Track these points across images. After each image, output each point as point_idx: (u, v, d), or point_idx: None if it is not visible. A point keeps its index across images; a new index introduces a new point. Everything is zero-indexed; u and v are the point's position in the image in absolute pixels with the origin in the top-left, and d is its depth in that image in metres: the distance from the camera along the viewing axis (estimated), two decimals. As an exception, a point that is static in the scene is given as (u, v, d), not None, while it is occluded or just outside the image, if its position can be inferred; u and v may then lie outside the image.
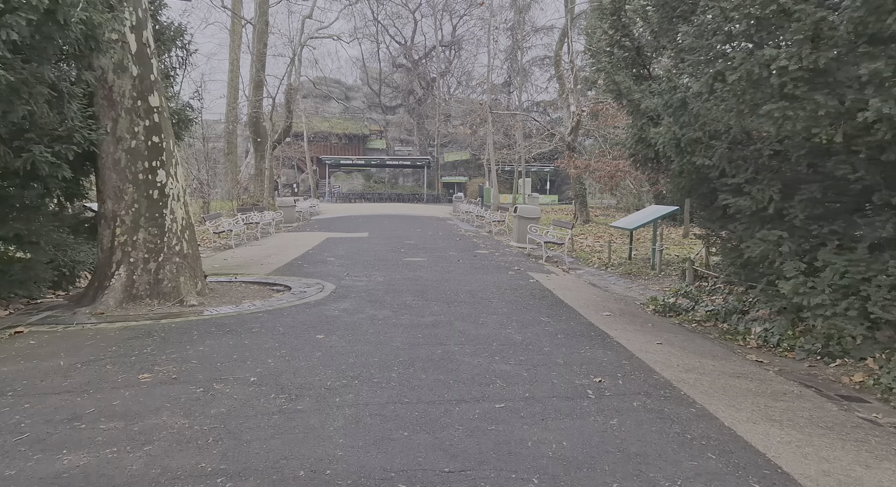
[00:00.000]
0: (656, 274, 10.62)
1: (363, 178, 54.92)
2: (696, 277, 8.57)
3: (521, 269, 11.37)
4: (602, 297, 8.93)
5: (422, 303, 7.79)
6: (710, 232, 7.98)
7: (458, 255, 13.45)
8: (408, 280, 9.68)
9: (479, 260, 12.60)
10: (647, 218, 10.76)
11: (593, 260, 13.16)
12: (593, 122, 26.15)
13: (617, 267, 11.80)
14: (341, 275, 10.14)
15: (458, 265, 11.62)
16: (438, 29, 50.63)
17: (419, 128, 56.21)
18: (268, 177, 25.89)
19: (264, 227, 19.09)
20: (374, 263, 11.80)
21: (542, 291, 8.98)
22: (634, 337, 6.22)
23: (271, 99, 25.98)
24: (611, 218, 25.74)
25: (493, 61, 29.93)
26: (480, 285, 9.29)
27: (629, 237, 11.90)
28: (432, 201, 49.15)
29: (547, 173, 52.60)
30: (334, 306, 7.53)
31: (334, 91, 62.23)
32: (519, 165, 41.76)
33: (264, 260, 12.17)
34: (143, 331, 6.12)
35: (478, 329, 6.38)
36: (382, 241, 16.44)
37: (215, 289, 8.71)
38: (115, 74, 7.27)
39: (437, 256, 13.16)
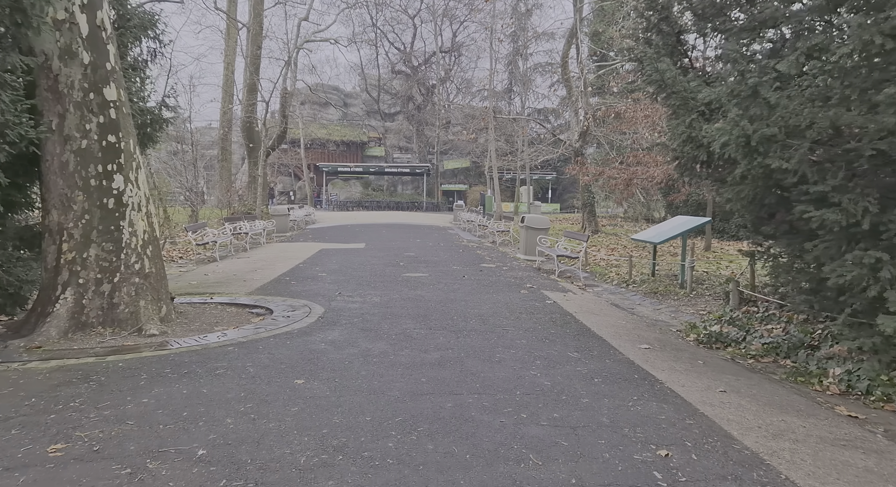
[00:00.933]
0: (686, 294, 9.46)
1: (361, 185, 53.84)
2: (741, 300, 7.41)
3: (533, 286, 10.20)
4: (632, 323, 7.75)
5: (425, 332, 6.61)
6: (764, 248, 6.82)
7: (463, 269, 12.28)
8: (408, 301, 8.50)
9: (486, 276, 11.43)
10: (675, 230, 9.63)
11: (610, 275, 11.99)
12: (599, 128, 25.09)
13: (639, 285, 10.64)
14: (332, 294, 8.96)
15: (463, 282, 10.45)
16: (438, 35, 49.78)
17: (418, 135, 55.22)
18: (261, 184, 24.75)
19: (254, 237, 17.92)
20: (370, 279, 10.62)
21: (563, 315, 7.80)
22: (689, 381, 5.04)
23: (265, 104, 24.85)
24: (619, 228, 24.61)
25: (494, 65, 28.91)
26: (491, 308, 8.11)
27: (652, 251, 10.76)
28: (432, 210, 48.06)
29: (549, 182, 51.58)
30: (321, 336, 6.34)
31: (333, 98, 61.41)
32: (521, 173, 40.71)
33: (249, 275, 10.98)
34: (80, 374, 4.93)
35: (494, 370, 5.20)
36: (380, 253, 15.27)
37: (185, 312, 7.52)
38: (61, 60, 6.12)
39: (439, 270, 11.99)
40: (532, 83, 48.01)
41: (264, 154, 24.77)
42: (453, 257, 14.59)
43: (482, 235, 23.63)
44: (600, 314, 8.06)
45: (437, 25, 49.46)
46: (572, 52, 22.26)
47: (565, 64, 20.17)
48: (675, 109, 5.84)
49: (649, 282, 10.57)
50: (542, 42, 50.59)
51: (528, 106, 45.56)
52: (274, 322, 7.01)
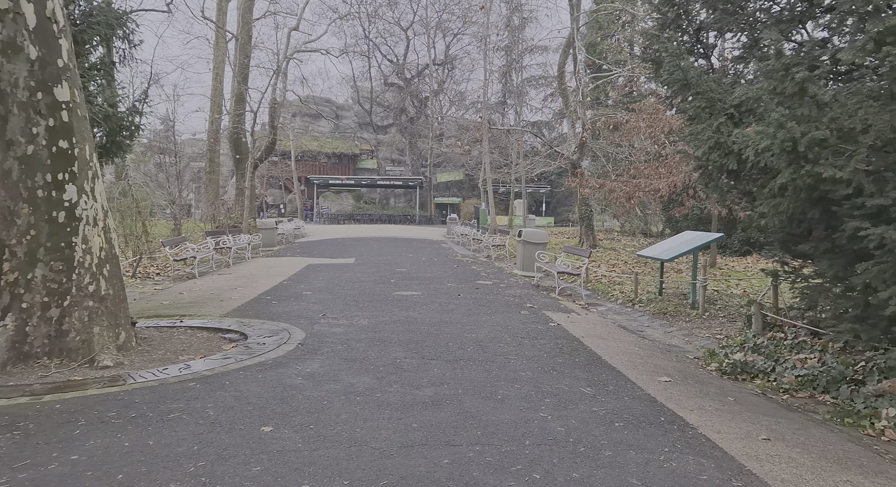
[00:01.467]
0: (699, 315, 8.78)
1: (353, 198, 53.16)
2: (765, 324, 6.73)
3: (534, 306, 9.49)
4: (645, 349, 7.04)
5: (417, 362, 5.87)
6: (791, 268, 6.16)
7: (458, 287, 11.55)
8: (398, 324, 7.76)
9: (482, 294, 10.71)
10: (685, 247, 8.97)
11: (614, 294, 11.30)
12: (595, 141, 24.58)
13: (646, 304, 9.95)
14: (316, 316, 8.20)
15: (458, 301, 9.72)
16: (431, 47, 49.48)
17: (411, 147, 54.73)
18: (248, 196, 23.99)
19: (239, 251, 17.14)
20: (359, 298, 9.88)
21: (569, 340, 7.08)
22: (724, 425, 4.33)
23: (253, 114, 24.17)
24: (616, 242, 24.00)
25: (488, 75, 28.44)
26: (490, 331, 7.38)
27: (659, 269, 10.10)
28: (425, 223, 47.41)
29: (542, 195, 51.13)
30: (298, 367, 5.58)
31: (324, 110, 60.89)
32: (515, 186, 40.18)
33: (228, 294, 10.21)
34: (6, 419, 4.15)
35: (498, 411, 4.46)
36: (370, 269, 14.52)
37: (150, 338, 6.75)
38: (3, 55, 5.41)
39: (433, 288, 11.26)
40: (526, 96, 47.80)
41: (252, 166, 24.05)
42: (447, 273, 13.87)
43: (476, 249, 22.95)
44: (609, 339, 7.35)
45: (431, 38, 49.22)
46: (569, 63, 21.80)
47: (561, 75, 19.66)
48: (699, 112, 5.20)
49: (657, 301, 9.89)
50: (536, 55, 50.49)
51: (522, 119, 45.21)
52: (247, 350, 6.25)
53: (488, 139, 29.87)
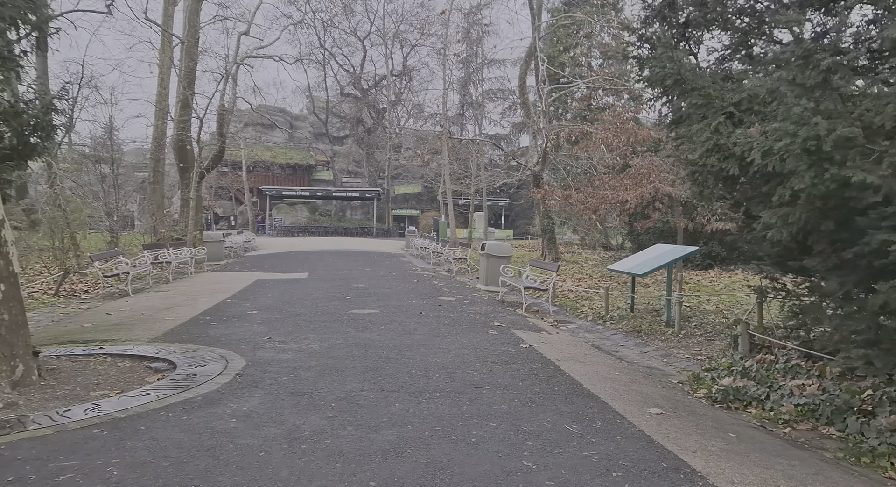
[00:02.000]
0: (675, 334, 8.29)
1: (308, 210, 51.76)
2: (752, 345, 6.25)
3: (502, 324, 8.82)
4: (626, 373, 6.45)
5: (375, 395, 5.08)
6: (781, 285, 5.69)
7: (420, 304, 10.79)
8: (354, 348, 6.94)
9: (446, 311, 9.98)
10: (660, 261, 8.52)
11: (583, 310, 10.76)
12: (555, 153, 24.39)
13: (618, 321, 9.43)
14: (260, 340, 7.30)
15: (420, 320, 8.97)
16: (389, 58, 48.91)
17: (369, 159, 53.84)
18: (194, 207, 22.62)
19: (180, 266, 15.91)
20: (311, 318, 8.99)
21: (544, 364, 6.42)
22: (735, 472, 3.71)
23: (199, 120, 22.90)
24: (577, 256, 23.73)
25: (447, 85, 27.99)
26: (457, 355, 6.66)
27: (631, 284, 9.62)
28: (382, 235, 46.47)
29: (502, 208, 51.04)
30: (233, 405, 4.71)
31: (279, 120, 59.33)
32: (475, 199, 39.83)
33: (161, 314, 9.15)
34: None
35: (473, 460, 3.73)
36: (324, 284, 13.60)
37: (59, 369, 5.73)
38: None
39: (392, 305, 10.47)
40: (484, 109, 47.76)
41: (198, 176, 22.72)
42: (407, 289, 13.10)
43: (437, 262, 22.26)
44: (586, 362, 6.73)
45: (388, 48, 48.66)
46: (530, 74, 21.53)
47: (523, 85, 19.33)
48: (694, 111, 4.68)
49: (629, 318, 9.39)
50: (494, 68, 50.65)
51: (482, 132, 45.06)
52: (174, 383, 5.32)
53: (448, 150, 29.36)
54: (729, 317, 8.96)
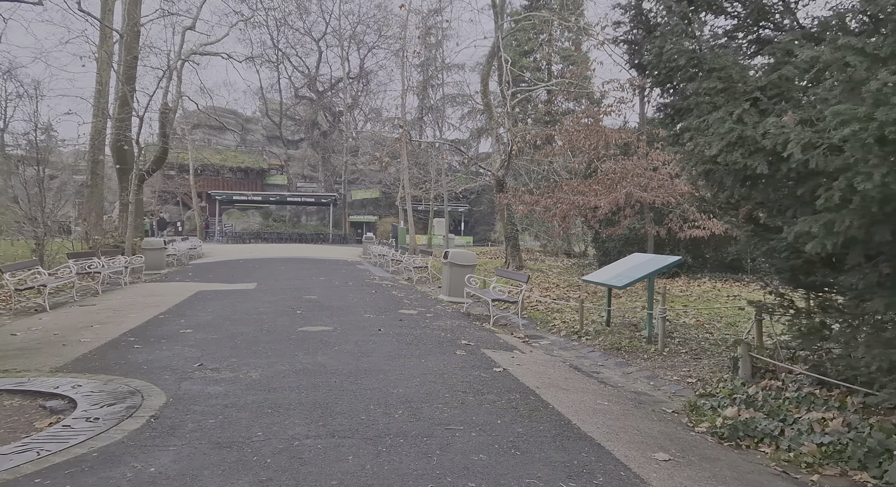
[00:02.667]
0: (658, 351, 7.60)
1: (261, 216, 49.86)
2: (754, 369, 5.57)
3: (470, 342, 7.96)
4: (615, 402, 5.66)
5: (324, 444, 4.12)
6: (788, 301, 5.02)
7: (378, 318, 9.82)
8: (302, 376, 5.94)
9: (407, 327, 9.05)
10: (642, 271, 7.84)
11: (555, 323, 10.02)
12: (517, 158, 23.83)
13: (594, 337, 8.70)
14: (190, 367, 6.21)
15: (379, 339, 8.01)
16: (345, 60, 47.70)
17: (324, 163, 52.37)
18: (132, 212, 20.96)
19: (113, 276, 14.45)
20: (254, 337, 7.92)
21: (524, 393, 5.58)
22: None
23: (139, 118, 21.28)
24: (540, 263, 23.16)
25: (406, 90, 27.13)
26: (422, 384, 5.74)
27: (607, 296, 8.91)
28: (339, 242, 45.11)
29: (461, 213, 50.45)
30: (136, 465, 3.66)
31: (230, 122, 57.26)
32: (435, 205, 39.03)
33: (77, 335, 7.89)
34: None
35: (451, 545, 2.82)
36: (274, 296, 12.45)
37: (-79, 415, 4.53)
38: None
39: (348, 320, 9.46)
40: (444, 113, 47.09)
41: (137, 178, 21.08)
42: (365, 301, 12.09)
43: (396, 270, 21.29)
44: (569, 389, 5.92)
45: (344, 50, 47.45)
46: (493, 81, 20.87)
47: (485, 87, 18.64)
48: (712, 97, 3.93)
49: (606, 334, 8.67)
50: (453, 73, 50.13)
51: (441, 137, 44.33)
52: (65, 432, 4.22)
53: (407, 154, 28.44)
54: (712, 332, 8.36)
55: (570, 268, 20.53)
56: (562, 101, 32.85)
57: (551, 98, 33.28)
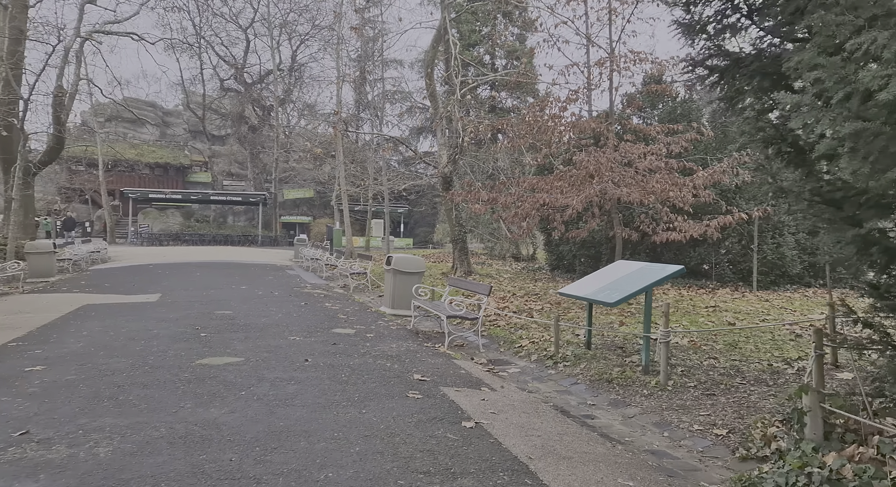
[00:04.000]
0: (661, 386, 6.05)
1: (182, 216, 46.03)
2: (828, 428, 4.06)
3: (425, 378, 6.16)
4: (642, 479, 4.01)
5: None
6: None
7: (306, 342, 7.84)
8: (180, 450, 3.96)
9: (343, 355, 7.13)
10: (637, 283, 6.27)
11: (521, 344, 8.37)
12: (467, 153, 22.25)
13: (573, 363, 7.10)
14: (5, 437, 4.08)
15: (305, 375, 6.07)
16: (276, 50, 44.72)
17: (254, 160, 49.09)
18: (16, 210, 17.82)
19: (-28, 289, 11.67)
20: (128, 378, 5.79)
21: (513, 471, 3.83)
22: None
23: (24, 101, 18.15)
24: (488, 267, 21.63)
25: (343, 73, 24.99)
26: (363, 461, 3.88)
27: (587, 312, 7.32)
28: (269, 244, 42.15)
29: (401, 214, 48.49)
30: None
31: (148, 115, 52.96)
32: (373, 205, 36.93)
33: None
34: None
35: None
36: (177, 312, 10.19)
37: None
38: None
39: (266, 346, 7.44)
40: (382, 111, 45.01)
41: (22, 170, 17.95)
42: (291, 317, 10.04)
43: (330, 276, 19.20)
44: (572, 458, 4.22)
45: (275, 40, 44.48)
46: (438, 71, 19.14)
47: (430, 75, 16.89)
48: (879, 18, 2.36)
49: (588, 359, 7.10)
50: (391, 70, 48.19)
51: (380, 134, 42.24)
52: None
53: (343, 148, 26.29)
54: (716, 357, 6.92)
55: (521, 273, 19.10)
56: (506, 96, 31.64)
57: (494, 95, 32.01)
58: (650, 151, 10.08)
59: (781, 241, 13.71)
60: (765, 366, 6.27)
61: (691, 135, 10.43)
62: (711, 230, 10.11)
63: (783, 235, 13.76)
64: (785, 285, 13.99)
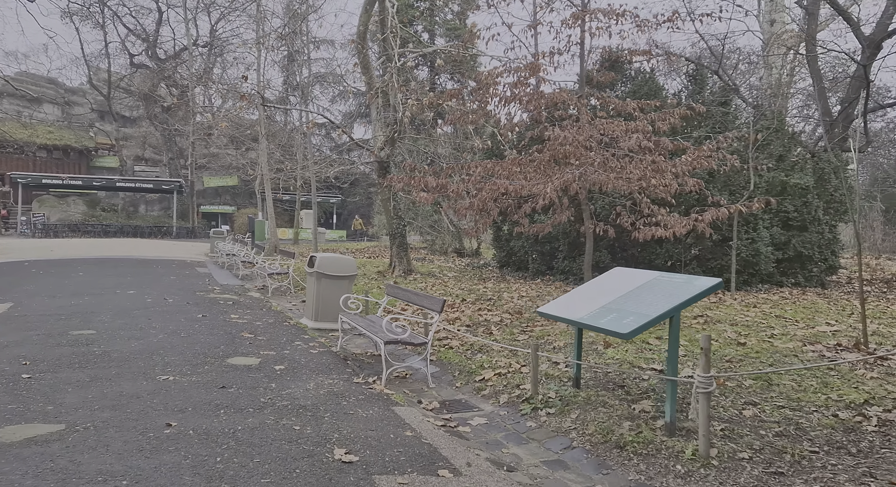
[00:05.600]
0: (699, 457, 4.14)
1: (85, 204, 41.27)
2: None
3: (352, 456, 4.00)
4: None
5: None
6: None
7: (182, 385, 5.47)
8: None
9: (232, 412, 4.84)
10: (660, 306, 4.33)
11: (484, 376, 6.35)
12: (406, 134, 20.03)
13: (560, 412, 5.12)
14: None
15: (154, 464, 3.76)
16: (192, 23, 40.59)
17: (169, 144, 44.72)
18: None
19: None
20: None
21: None
22: None
23: None
24: (429, 264, 19.54)
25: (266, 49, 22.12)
26: None
27: (576, 339, 5.36)
28: (186, 236, 38.37)
29: (333, 205, 45.68)
30: None
31: (48, 92, 47.42)
32: (302, 194, 34.09)
33: None
34: None
35: None
36: (15, 334, 7.50)
37: None
38: None
39: (114, 397, 5.03)
40: (311, 94, 41.87)
41: None
42: (176, 338, 7.57)
43: (248, 275, 16.59)
44: None
45: (191, 12, 40.32)
46: (372, 50, 16.81)
47: (363, 42, 14.54)
48: None
49: (580, 405, 5.15)
50: (321, 50, 45.12)
51: (309, 120, 39.18)
52: None
53: (267, 132, 23.41)
54: (759, 404, 5.07)
55: (466, 271, 17.15)
56: (447, 79, 29.60)
57: (434, 77, 29.89)
58: (635, 129, 8.30)
59: (756, 236, 12.40)
60: (830, 419, 4.54)
61: (681, 111, 8.75)
62: (703, 226, 8.49)
63: (757, 229, 12.46)
64: (757, 285, 12.75)
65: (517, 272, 16.15)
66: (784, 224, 13.00)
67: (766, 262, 12.49)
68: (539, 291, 12.47)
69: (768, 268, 12.63)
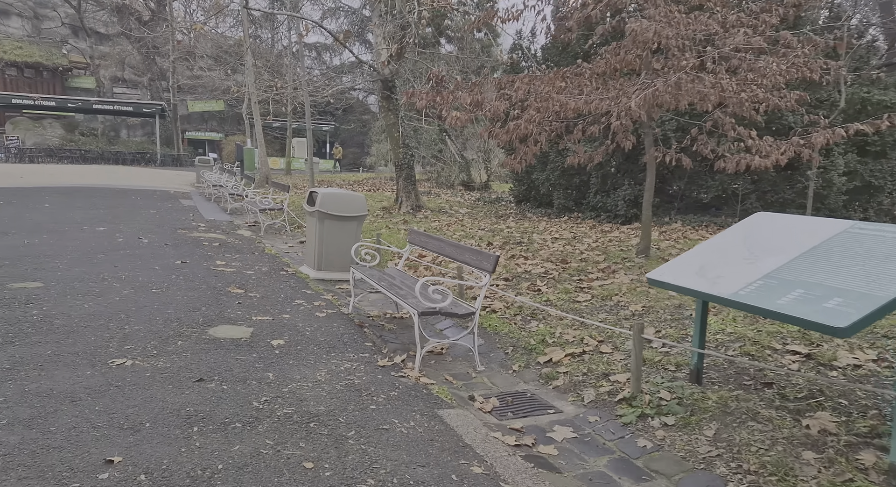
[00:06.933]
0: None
1: (63, 128, 38.58)
2: None
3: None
4: None
5: None
6: None
7: (143, 380, 3.88)
8: None
9: (226, 413, 3.27)
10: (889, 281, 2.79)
11: (548, 356, 4.80)
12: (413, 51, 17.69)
13: (685, 423, 3.61)
14: None
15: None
16: (170, -77, 36.36)
17: (149, 65, 41.45)
18: None
19: None
20: None
21: None
22: None
23: None
24: (436, 198, 17.77)
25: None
26: None
27: (698, 313, 3.80)
28: (171, 164, 36.15)
29: (326, 133, 43.18)
30: None
31: (16, 5, 43.37)
32: (294, 120, 31.66)
33: None
34: None
35: None
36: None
37: None
38: None
39: (43, 399, 3.44)
40: (300, 5, 38.31)
41: None
42: (146, 296, 5.93)
43: (237, 209, 14.85)
44: None
45: None
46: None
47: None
48: None
49: (713, 415, 3.62)
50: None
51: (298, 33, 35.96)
52: None
53: (253, 50, 20.89)
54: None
55: (478, 206, 15.45)
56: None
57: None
58: (738, 22, 6.29)
59: (828, 164, 10.72)
60: None
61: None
62: (809, 153, 6.72)
63: (831, 155, 10.76)
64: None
65: (539, 209, 14.48)
66: (860, 150, 11.27)
67: (836, 195, 10.87)
68: (573, 231, 10.84)
69: (838, 201, 11.03)
